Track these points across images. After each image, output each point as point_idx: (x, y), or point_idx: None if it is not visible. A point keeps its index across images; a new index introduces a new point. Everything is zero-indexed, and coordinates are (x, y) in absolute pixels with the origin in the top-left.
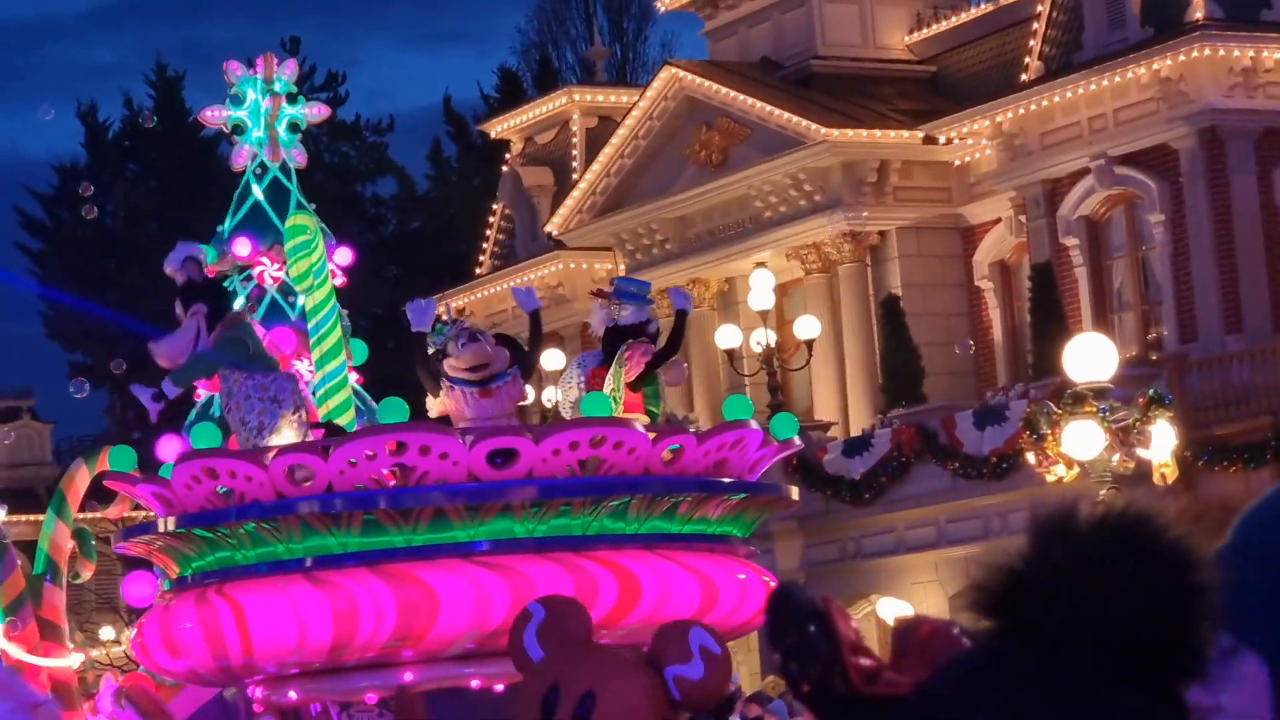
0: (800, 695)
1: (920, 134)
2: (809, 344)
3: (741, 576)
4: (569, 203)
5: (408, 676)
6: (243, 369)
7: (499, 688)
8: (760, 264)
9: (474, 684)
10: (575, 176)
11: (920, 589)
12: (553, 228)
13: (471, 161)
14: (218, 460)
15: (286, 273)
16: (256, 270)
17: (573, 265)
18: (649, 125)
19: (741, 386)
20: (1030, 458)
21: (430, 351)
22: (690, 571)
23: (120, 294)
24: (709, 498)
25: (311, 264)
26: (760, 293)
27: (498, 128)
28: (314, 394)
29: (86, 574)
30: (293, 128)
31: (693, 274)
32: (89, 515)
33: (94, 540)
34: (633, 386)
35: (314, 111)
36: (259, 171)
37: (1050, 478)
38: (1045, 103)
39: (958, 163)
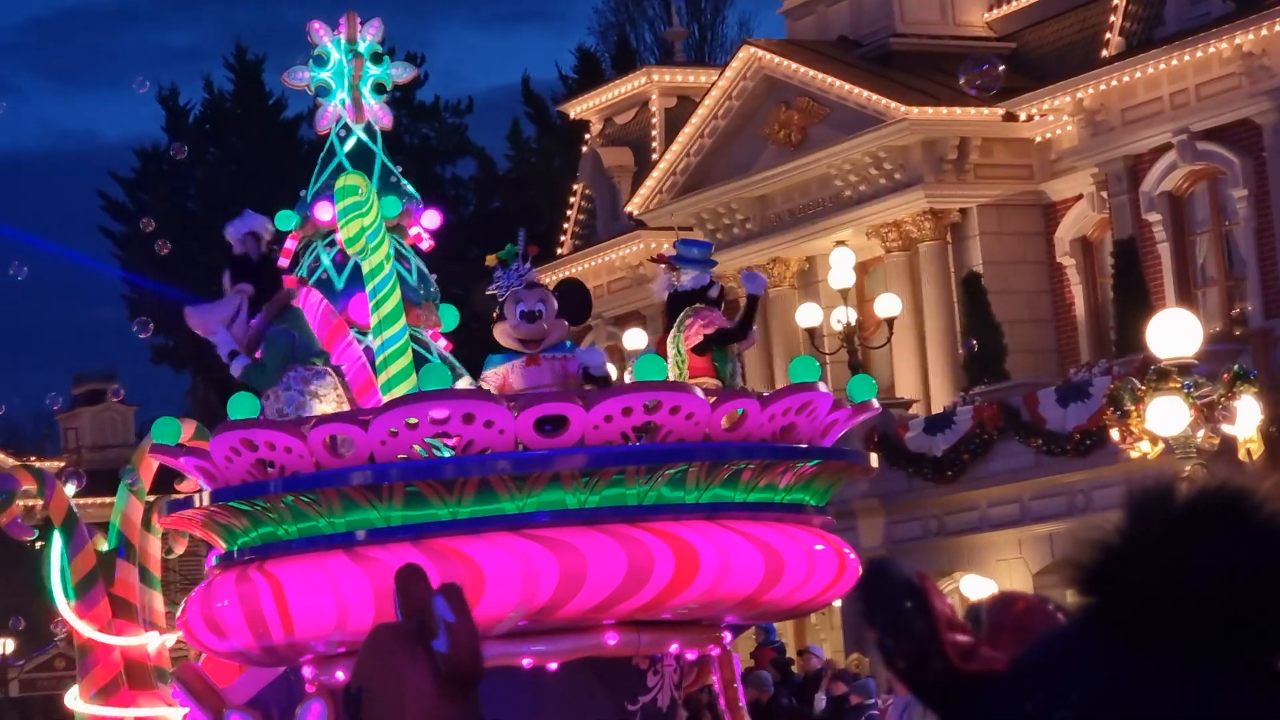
0: (896, 672)
1: (1001, 111)
2: (890, 322)
3: (819, 547)
4: (649, 183)
5: None
6: (291, 367)
7: (552, 666)
8: (840, 242)
9: (525, 663)
10: (655, 157)
11: (1004, 566)
12: (633, 208)
13: (551, 142)
14: (256, 431)
15: (340, 236)
16: (339, 235)
17: (653, 245)
18: (728, 105)
19: (822, 365)
20: (1114, 434)
21: (486, 291)
22: (754, 543)
23: (201, 276)
24: (774, 464)
25: (364, 226)
26: (841, 271)
27: (577, 108)
28: (375, 361)
29: (180, 549)
30: (378, 89)
31: (773, 253)
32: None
33: None
34: (698, 351)
35: (399, 72)
36: (343, 134)
37: (1134, 454)
38: (1127, 78)
39: (1039, 139)
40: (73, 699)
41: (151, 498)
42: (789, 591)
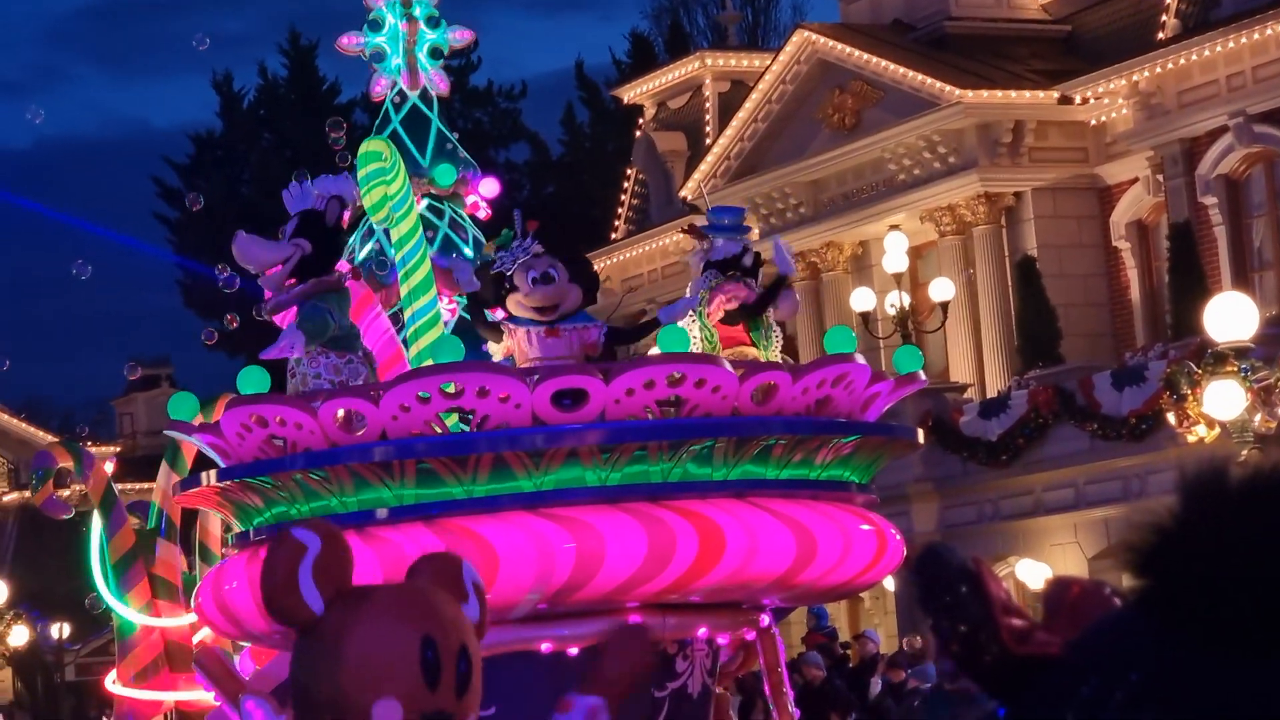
0: (951, 656)
1: (1055, 94)
2: (944, 306)
3: (866, 528)
4: (703, 167)
5: None
6: (326, 350)
7: (573, 651)
8: (894, 226)
9: (544, 647)
10: (709, 141)
11: (1059, 551)
12: (687, 192)
13: (605, 127)
14: (265, 407)
15: (361, 204)
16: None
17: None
18: (782, 89)
19: (876, 349)
20: (1170, 418)
21: (493, 272)
22: (785, 522)
23: None
24: (807, 440)
25: (388, 194)
26: (894, 255)
27: (630, 93)
28: (405, 334)
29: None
30: (434, 53)
31: (826, 237)
32: None
33: None
34: (728, 321)
35: (457, 36)
36: (398, 101)
37: (1191, 438)
38: (1182, 61)
39: (1094, 122)
40: (112, 682)
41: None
42: (824, 572)
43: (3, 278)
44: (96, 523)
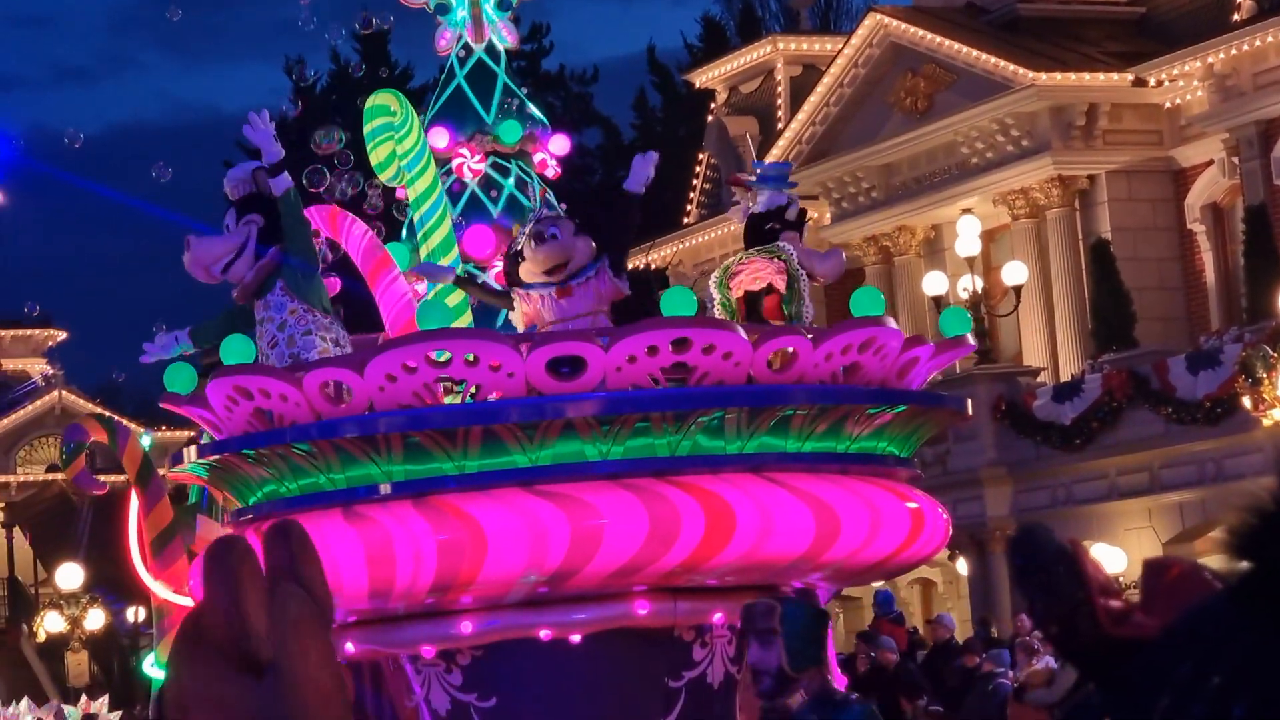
0: (1048, 636)
1: (1130, 76)
2: (1017, 290)
3: (899, 503)
4: (774, 152)
5: (466, 627)
6: (302, 297)
7: (575, 639)
8: (967, 210)
9: (543, 634)
10: (780, 125)
11: (1133, 535)
12: None
13: (676, 111)
14: (249, 378)
15: (371, 159)
16: (455, 163)
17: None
18: (854, 73)
19: None
20: (1246, 402)
21: (510, 255)
22: (802, 498)
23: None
24: (830, 409)
25: (397, 150)
26: (967, 239)
27: (702, 77)
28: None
29: None
30: (500, 4)
31: (899, 221)
32: None
33: None
34: (754, 300)
35: None
36: (463, 55)
37: (1267, 422)
38: (1258, 42)
39: (1168, 105)
40: (150, 665)
41: None
42: (851, 552)
43: (76, 261)
44: (132, 498)
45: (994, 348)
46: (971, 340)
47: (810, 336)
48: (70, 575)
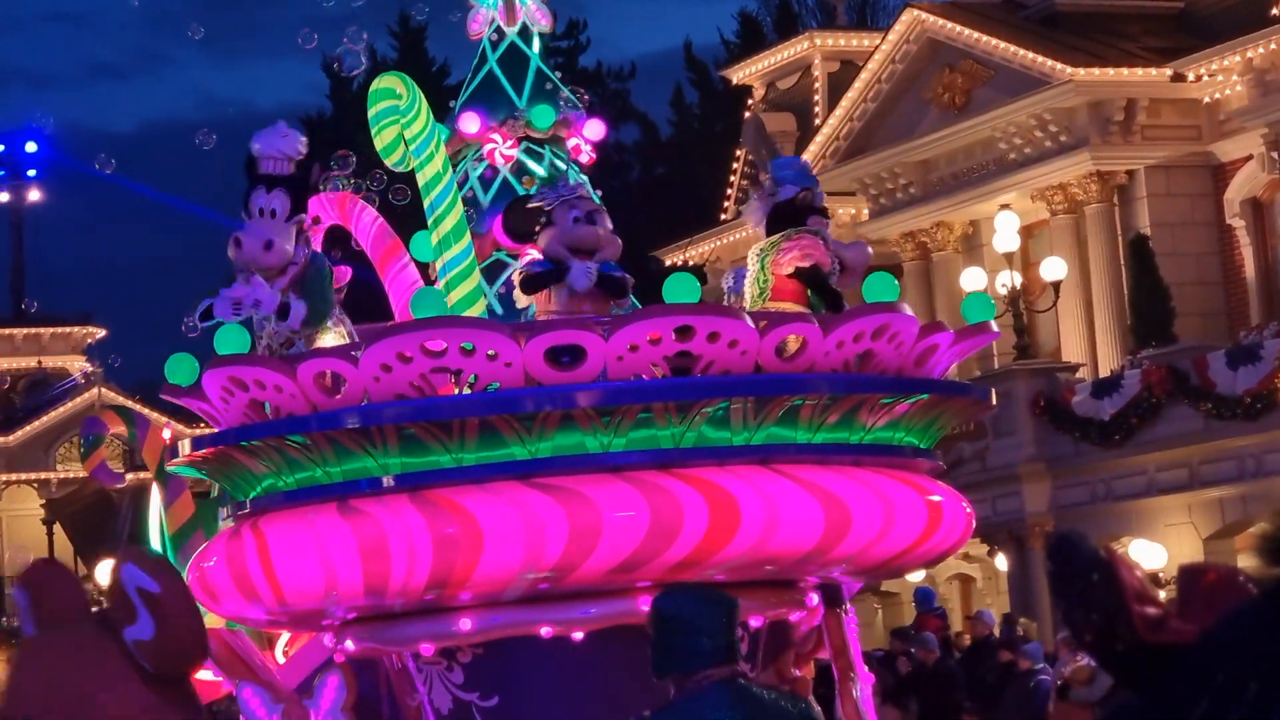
0: (1083, 644)
1: (1168, 71)
2: (1056, 285)
3: (917, 496)
4: (812, 148)
5: (465, 624)
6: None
7: (577, 636)
8: (1005, 206)
9: (544, 632)
10: (818, 122)
11: (1173, 531)
12: None
13: (713, 107)
14: (242, 369)
15: (377, 144)
16: (487, 149)
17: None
18: (891, 69)
19: None
20: None
21: (529, 205)
22: (811, 491)
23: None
24: (840, 399)
25: (404, 134)
26: (1005, 235)
27: (739, 74)
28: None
29: None
30: None
31: (936, 217)
32: None
33: None
34: (797, 276)
35: None
36: (495, 39)
37: None
38: None
39: (1207, 100)
40: None
41: None
42: (863, 547)
43: (114, 258)
44: (154, 491)
45: (1033, 344)
46: (995, 327)
47: (820, 324)
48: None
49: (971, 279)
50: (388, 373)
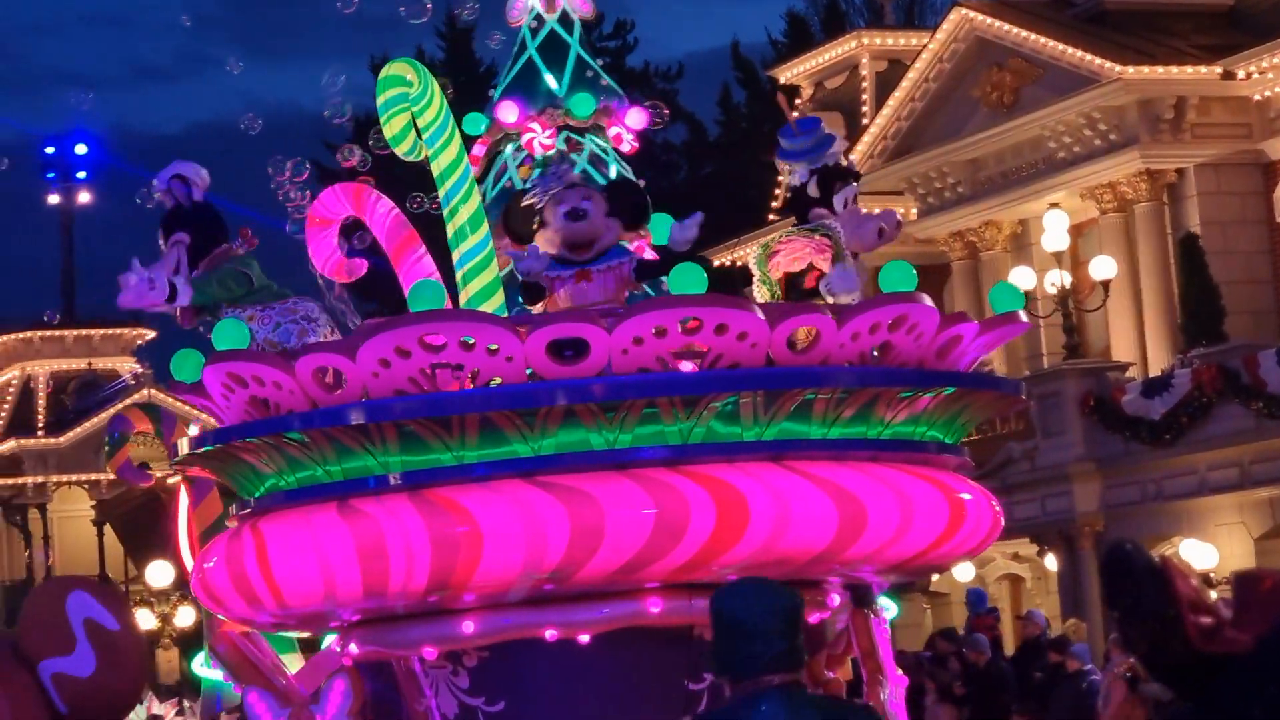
0: (1137, 655)
1: (1218, 69)
2: (1105, 284)
3: (959, 496)
4: (860, 147)
5: (468, 627)
6: (250, 304)
7: (583, 639)
8: (1054, 205)
9: (548, 635)
10: (866, 121)
11: (1224, 531)
12: None
13: (761, 107)
14: (240, 365)
15: (385, 133)
16: (526, 138)
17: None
18: (939, 68)
19: (1035, 328)
20: None
21: (524, 205)
22: (824, 488)
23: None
24: (855, 393)
25: (415, 123)
26: (1054, 234)
27: (787, 73)
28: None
29: None
30: None
31: (985, 216)
32: None
33: None
34: (794, 283)
35: None
36: (535, 26)
37: None
38: None
39: (1258, 97)
40: (200, 665)
41: None
42: (880, 546)
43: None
44: (181, 491)
45: (1082, 343)
46: (1024, 317)
47: (834, 315)
48: (161, 572)
49: (1020, 278)
50: (386, 368)
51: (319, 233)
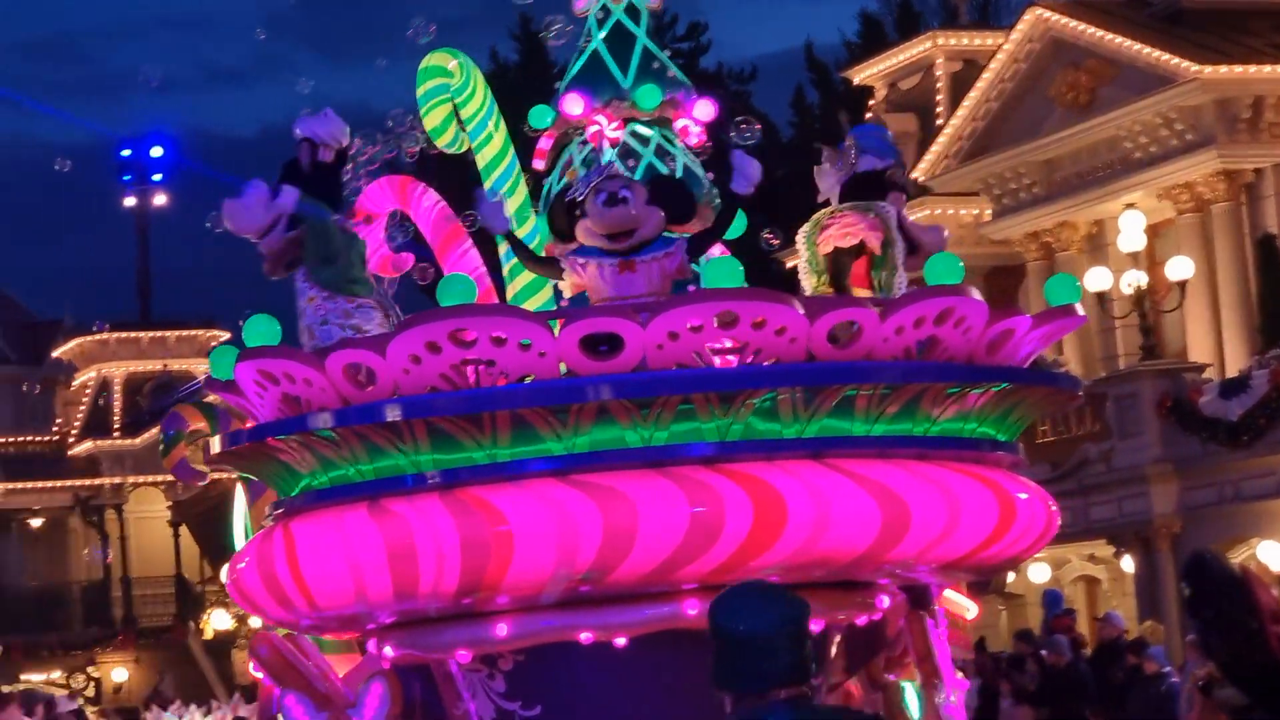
0: (1218, 664)
1: None
2: (1182, 285)
3: (1011, 494)
4: (935, 148)
5: (501, 629)
6: (320, 284)
7: (619, 642)
8: (1130, 205)
9: (584, 638)
10: (940, 122)
11: None
12: (919, 174)
13: (835, 108)
14: (271, 361)
15: (423, 126)
16: (591, 131)
17: (939, 211)
18: (1015, 68)
19: (1112, 329)
20: None
21: (566, 200)
22: (867, 487)
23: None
24: (899, 389)
25: (463, 114)
26: (1131, 234)
27: (861, 74)
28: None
29: None
30: None
31: (1061, 217)
32: None
33: None
34: (843, 258)
35: None
36: (601, 16)
37: None
38: None
39: None
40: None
41: None
42: (925, 547)
43: (237, 262)
44: (239, 489)
45: (1159, 344)
46: (1080, 310)
47: (877, 308)
48: None
49: (1096, 279)
50: (417, 364)
51: (365, 228)
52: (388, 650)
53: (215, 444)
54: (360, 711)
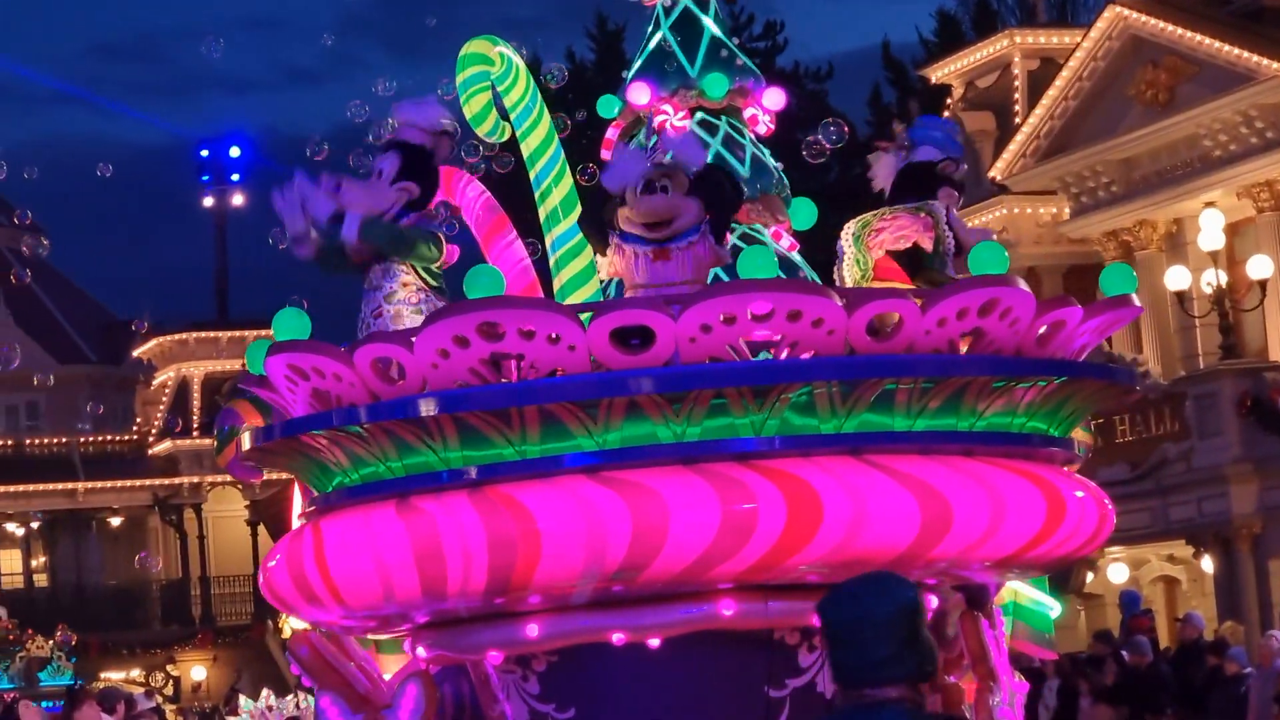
0: None
1: None
2: (1262, 284)
3: (1062, 492)
4: (1012, 147)
5: (532, 630)
6: (394, 276)
7: (653, 643)
8: (1210, 204)
9: (616, 639)
10: (1018, 120)
11: None
12: (996, 173)
13: (912, 107)
14: (299, 355)
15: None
16: (657, 120)
17: (1016, 210)
18: (1093, 66)
19: (1191, 328)
20: None
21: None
22: (906, 484)
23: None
24: (941, 383)
25: (507, 102)
26: (1210, 233)
27: (938, 72)
28: (552, 260)
29: None
30: None
31: (1139, 216)
32: None
33: None
34: (897, 259)
35: None
36: (668, 5)
37: None
38: None
39: None
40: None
41: None
42: (967, 546)
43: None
44: (295, 489)
45: (1239, 343)
46: (1136, 301)
47: (918, 299)
48: None
49: (1176, 278)
50: (445, 359)
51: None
52: (420, 651)
53: (246, 440)
54: (395, 713)
